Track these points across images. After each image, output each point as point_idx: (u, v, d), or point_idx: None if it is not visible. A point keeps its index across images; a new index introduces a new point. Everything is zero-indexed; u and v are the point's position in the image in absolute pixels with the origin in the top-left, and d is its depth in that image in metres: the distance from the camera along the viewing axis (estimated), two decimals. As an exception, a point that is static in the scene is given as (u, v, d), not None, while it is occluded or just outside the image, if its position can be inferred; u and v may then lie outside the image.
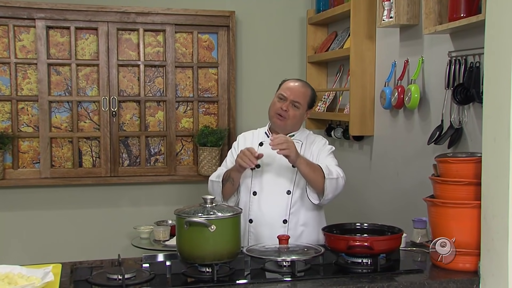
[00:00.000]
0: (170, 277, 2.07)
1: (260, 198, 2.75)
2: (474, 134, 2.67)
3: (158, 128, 4.47)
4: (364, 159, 3.80)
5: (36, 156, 4.28)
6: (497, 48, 2.01)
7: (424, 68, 3.08)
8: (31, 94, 4.23)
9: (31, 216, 4.25)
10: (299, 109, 2.75)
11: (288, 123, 2.76)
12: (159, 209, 4.37)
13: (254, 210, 2.75)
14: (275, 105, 2.77)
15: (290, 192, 2.73)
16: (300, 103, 2.75)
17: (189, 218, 2.05)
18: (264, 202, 2.74)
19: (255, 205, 2.75)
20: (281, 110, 2.73)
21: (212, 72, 4.54)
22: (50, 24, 4.20)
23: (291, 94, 2.75)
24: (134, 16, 4.29)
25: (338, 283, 2.01)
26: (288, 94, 2.75)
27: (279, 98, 2.77)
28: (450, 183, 2.20)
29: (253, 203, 2.75)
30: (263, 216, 2.73)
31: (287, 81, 2.83)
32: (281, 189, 2.74)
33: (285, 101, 2.74)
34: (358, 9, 3.58)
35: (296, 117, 2.76)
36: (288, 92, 2.75)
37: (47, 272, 1.93)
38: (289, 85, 2.79)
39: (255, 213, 2.75)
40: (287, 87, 2.78)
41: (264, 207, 2.74)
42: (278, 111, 2.74)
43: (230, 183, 2.71)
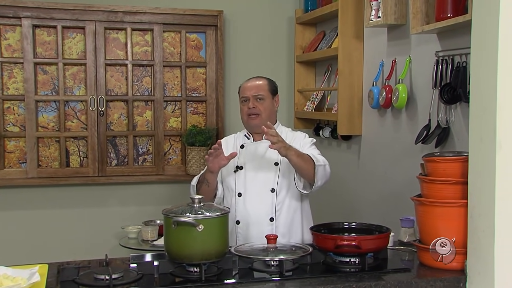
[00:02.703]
0: (158, 277, 2.07)
1: (245, 199, 2.77)
2: (461, 133, 2.69)
3: (146, 127, 4.46)
4: (352, 158, 3.81)
5: (22, 156, 4.25)
6: (483, 48, 2.03)
7: (412, 67, 3.10)
8: (17, 93, 4.20)
9: (17, 217, 4.21)
10: (265, 100, 2.82)
11: (263, 117, 2.78)
12: (147, 208, 4.36)
13: (240, 211, 2.76)
14: (243, 110, 2.84)
15: (274, 190, 2.76)
16: (263, 94, 2.82)
17: (177, 218, 2.04)
18: (250, 202, 2.76)
19: (241, 206, 2.77)
20: (250, 110, 2.80)
21: (200, 72, 4.53)
22: (37, 23, 4.16)
23: (249, 91, 2.82)
24: (122, 15, 4.27)
25: (326, 282, 2.02)
26: (248, 93, 2.82)
27: (242, 102, 2.84)
28: (437, 182, 2.21)
29: (239, 204, 2.77)
30: (249, 216, 2.75)
31: (244, 83, 2.90)
32: (266, 188, 2.76)
33: (249, 101, 2.81)
34: (346, 8, 3.59)
35: (267, 109, 2.82)
36: (246, 92, 2.83)
37: (33, 272, 1.92)
38: (245, 86, 2.87)
39: (242, 213, 2.76)
40: (243, 88, 2.87)
41: (250, 207, 2.75)
42: (248, 112, 2.81)
43: (206, 185, 2.74)
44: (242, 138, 2.91)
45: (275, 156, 2.74)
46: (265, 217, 2.74)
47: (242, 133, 2.93)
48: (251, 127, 2.85)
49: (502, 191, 1.96)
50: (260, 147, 2.82)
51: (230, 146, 2.88)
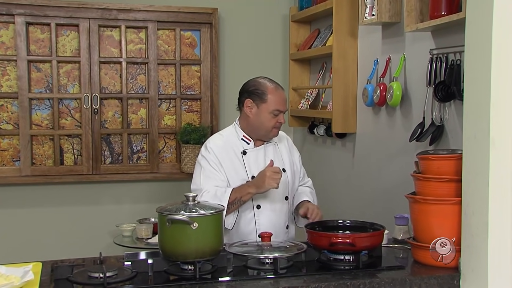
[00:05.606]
0: (152, 275, 2.06)
1: (264, 210, 2.67)
2: (455, 131, 2.70)
3: (140, 125, 4.45)
4: (347, 156, 3.81)
5: (16, 154, 4.23)
6: (477, 45, 2.03)
7: (406, 65, 3.10)
8: (10, 91, 4.18)
9: (11, 215, 4.20)
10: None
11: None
12: (142, 206, 4.36)
13: (262, 224, 2.64)
14: (270, 121, 2.62)
15: (288, 198, 2.74)
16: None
17: (171, 216, 2.04)
18: (269, 213, 2.67)
19: (262, 218, 2.65)
20: (279, 124, 2.65)
21: (195, 69, 4.53)
22: (30, 20, 4.15)
23: (284, 106, 2.64)
24: (116, 13, 4.26)
25: (320, 279, 2.02)
26: (283, 108, 2.63)
27: (273, 113, 2.61)
28: (431, 180, 2.21)
29: (260, 217, 2.65)
30: (270, 227, 2.62)
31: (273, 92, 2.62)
32: (280, 197, 2.70)
33: (280, 114, 2.64)
34: (341, 6, 3.59)
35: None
36: (281, 106, 2.62)
37: (27, 270, 1.91)
38: (278, 98, 2.62)
39: (264, 225, 2.63)
40: (278, 101, 2.61)
41: (269, 218, 2.66)
42: (276, 125, 2.64)
43: (238, 206, 2.56)
44: (240, 142, 2.69)
45: (281, 162, 2.73)
46: (283, 225, 2.72)
47: (235, 136, 2.71)
48: (269, 137, 2.70)
49: (496, 188, 1.96)
50: (261, 153, 2.70)
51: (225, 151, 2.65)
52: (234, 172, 2.63)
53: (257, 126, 2.65)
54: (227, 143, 2.68)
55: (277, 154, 2.73)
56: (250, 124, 2.66)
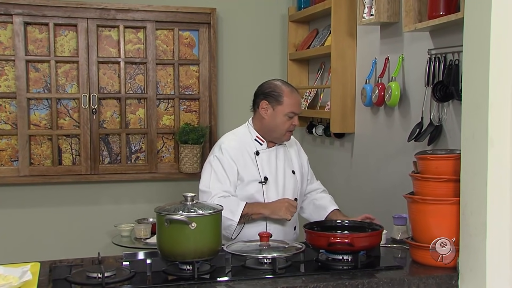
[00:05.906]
0: (151, 275, 2.06)
1: None
2: (453, 131, 2.70)
3: (139, 125, 4.45)
4: (345, 156, 3.81)
5: (14, 154, 4.23)
6: (475, 45, 2.03)
7: (404, 65, 3.10)
8: (8, 91, 4.18)
9: (9, 215, 4.20)
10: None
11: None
12: (140, 206, 4.35)
13: (274, 226, 2.66)
14: (284, 123, 2.63)
15: (297, 199, 2.75)
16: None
17: (169, 216, 2.03)
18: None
19: (273, 219, 2.64)
20: (293, 126, 2.67)
21: (193, 69, 4.52)
22: (28, 20, 4.15)
23: (299, 109, 2.67)
24: (114, 13, 4.26)
25: (318, 279, 2.02)
26: (298, 111, 2.66)
27: (288, 115, 2.62)
28: (430, 180, 2.21)
29: (270, 218, 2.63)
30: (280, 228, 2.66)
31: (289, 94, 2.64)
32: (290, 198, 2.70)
33: (295, 117, 2.66)
34: (339, 6, 3.59)
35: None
36: (297, 109, 2.65)
37: (25, 271, 1.91)
38: (294, 101, 2.64)
39: (273, 227, 2.65)
40: (294, 103, 2.63)
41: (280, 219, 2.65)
42: (290, 128, 2.66)
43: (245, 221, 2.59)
44: (253, 143, 2.71)
45: (291, 164, 2.76)
46: (291, 226, 2.74)
47: (248, 136, 2.72)
48: (282, 141, 2.72)
49: (494, 188, 1.96)
50: (273, 154, 2.72)
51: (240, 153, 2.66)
52: (248, 172, 2.64)
53: (271, 128, 2.67)
54: (241, 143, 2.69)
55: (287, 156, 2.77)
56: (265, 126, 2.68)
